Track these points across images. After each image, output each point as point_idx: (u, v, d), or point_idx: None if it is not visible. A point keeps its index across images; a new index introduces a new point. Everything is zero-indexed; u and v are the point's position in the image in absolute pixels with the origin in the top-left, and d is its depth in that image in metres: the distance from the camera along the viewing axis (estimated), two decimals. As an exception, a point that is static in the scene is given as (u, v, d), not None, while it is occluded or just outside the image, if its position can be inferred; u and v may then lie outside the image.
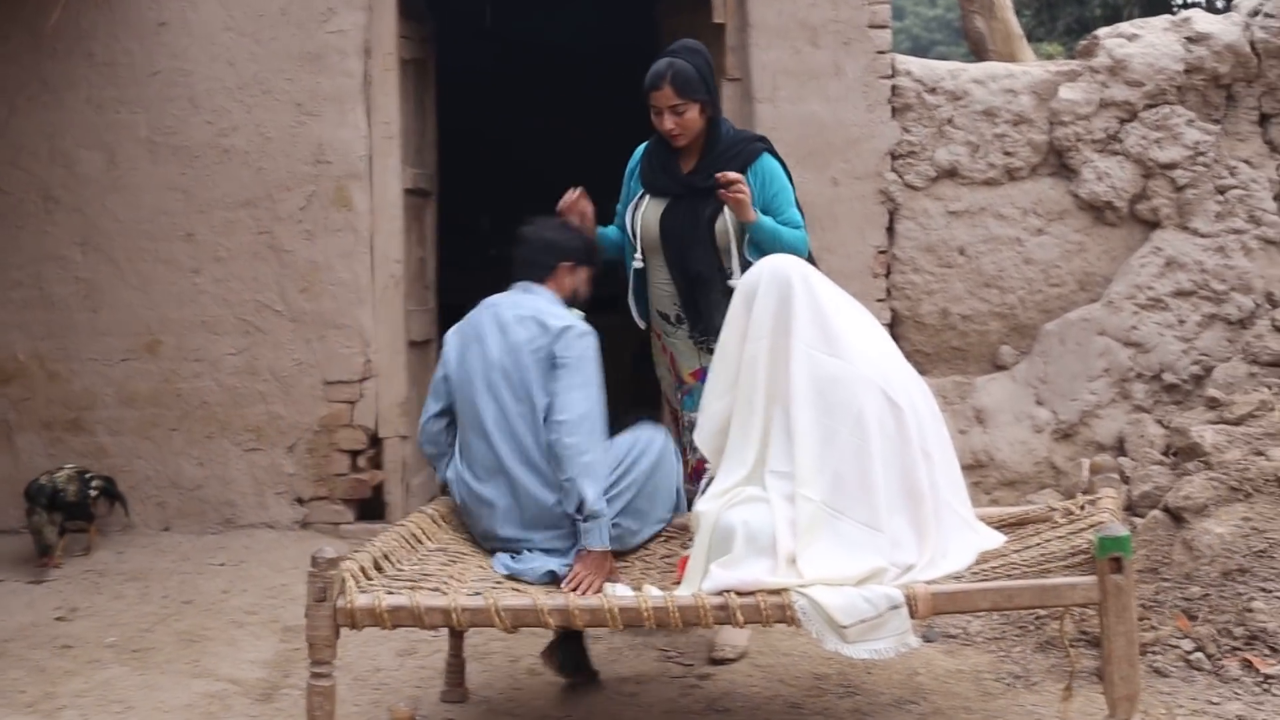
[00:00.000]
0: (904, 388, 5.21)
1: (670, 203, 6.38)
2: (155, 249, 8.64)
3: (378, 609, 4.81)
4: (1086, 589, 4.78)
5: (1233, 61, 8.32)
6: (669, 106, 6.24)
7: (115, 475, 8.59)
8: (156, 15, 8.61)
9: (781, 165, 6.42)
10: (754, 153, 6.35)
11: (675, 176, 6.40)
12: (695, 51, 6.36)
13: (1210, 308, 8.31)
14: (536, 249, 6.20)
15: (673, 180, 6.40)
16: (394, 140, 8.68)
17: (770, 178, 6.32)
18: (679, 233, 6.33)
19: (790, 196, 6.37)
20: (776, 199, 6.31)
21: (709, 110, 6.32)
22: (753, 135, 6.63)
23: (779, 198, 6.32)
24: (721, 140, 6.37)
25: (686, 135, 6.30)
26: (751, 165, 6.30)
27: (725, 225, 6.25)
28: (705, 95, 6.27)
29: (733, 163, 6.25)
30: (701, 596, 4.83)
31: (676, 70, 6.23)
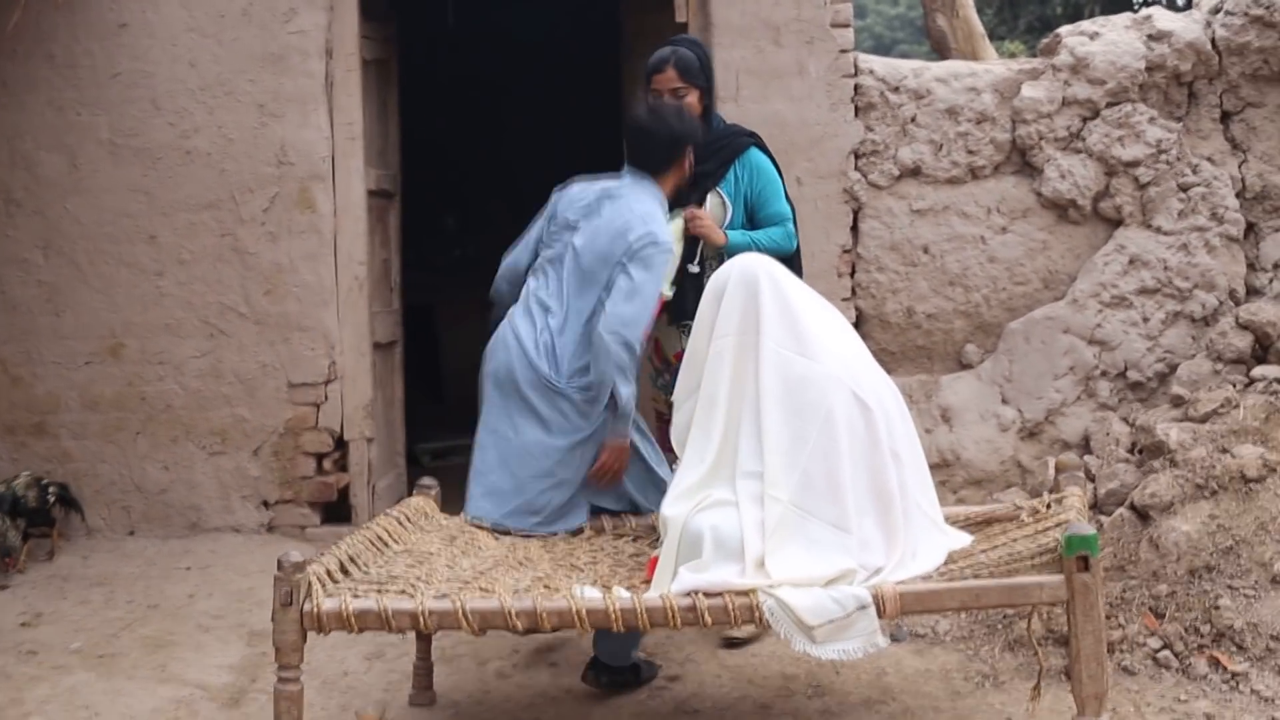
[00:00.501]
0: (873, 388, 5.21)
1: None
2: (118, 252, 8.61)
3: (344, 613, 4.81)
4: (1054, 588, 4.80)
5: (1194, 59, 8.34)
6: (670, 89, 6.45)
7: (79, 480, 8.59)
8: (117, 16, 8.57)
9: (770, 159, 6.57)
10: (741, 146, 6.53)
11: None
12: (697, 44, 6.72)
13: (1174, 305, 8.34)
14: (658, 141, 6.21)
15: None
16: (357, 141, 8.65)
17: (757, 171, 6.50)
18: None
19: (778, 190, 6.53)
20: (763, 193, 6.49)
21: (705, 100, 6.52)
22: (743, 130, 6.74)
23: (765, 191, 6.49)
24: (712, 132, 6.51)
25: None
26: (739, 158, 6.50)
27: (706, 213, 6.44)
28: (704, 84, 6.51)
29: (720, 154, 6.46)
30: (669, 598, 4.83)
31: (680, 55, 6.50)
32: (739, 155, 6.53)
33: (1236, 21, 8.27)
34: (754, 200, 6.51)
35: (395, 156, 9.52)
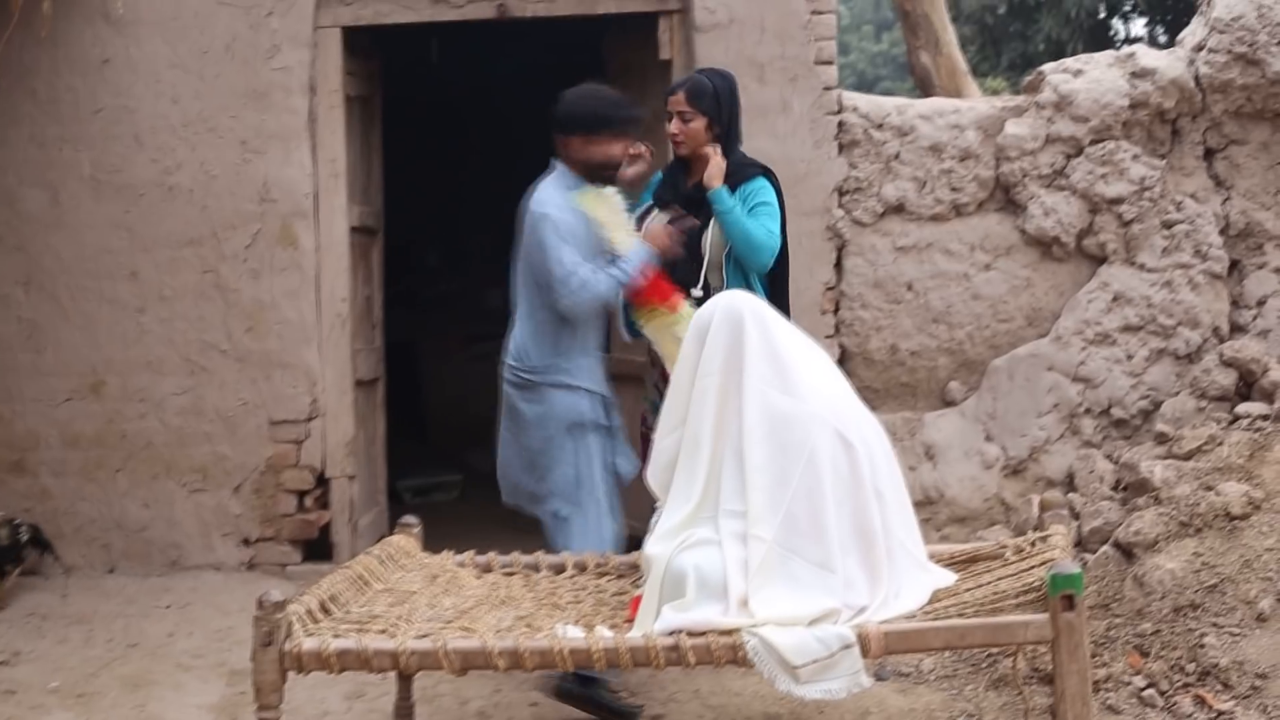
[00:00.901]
0: (857, 426, 5.19)
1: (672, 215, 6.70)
2: (99, 288, 8.59)
3: (325, 653, 4.77)
4: (1039, 627, 4.77)
5: (1177, 96, 8.34)
6: (678, 111, 6.68)
7: (59, 518, 8.58)
8: (100, 52, 8.56)
9: (778, 194, 6.69)
10: (748, 175, 6.68)
11: (678, 190, 6.75)
12: (722, 76, 6.88)
13: (1158, 342, 8.32)
14: (556, 112, 6.67)
15: (675, 193, 6.75)
16: (340, 178, 8.65)
17: (755, 192, 6.63)
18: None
19: (771, 212, 6.60)
20: (756, 210, 6.57)
21: (715, 129, 6.69)
22: (758, 163, 6.86)
23: (759, 209, 6.57)
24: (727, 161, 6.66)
25: (688, 144, 6.70)
26: (743, 185, 6.62)
27: (708, 240, 6.59)
28: (713, 112, 6.68)
29: (728, 182, 6.60)
30: (652, 637, 4.80)
31: (694, 81, 6.78)
32: (744, 183, 6.64)
33: (1220, 59, 8.27)
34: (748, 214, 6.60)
35: (378, 193, 9.51)
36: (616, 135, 6.63)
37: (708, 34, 8.51)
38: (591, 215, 6.50)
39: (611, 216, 6.59)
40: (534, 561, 6.00)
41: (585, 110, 6.61)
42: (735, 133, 6.84)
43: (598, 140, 6.57)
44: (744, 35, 8.51)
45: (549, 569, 5.96)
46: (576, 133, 6.57)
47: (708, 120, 6.68)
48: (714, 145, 6.73)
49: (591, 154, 6.57)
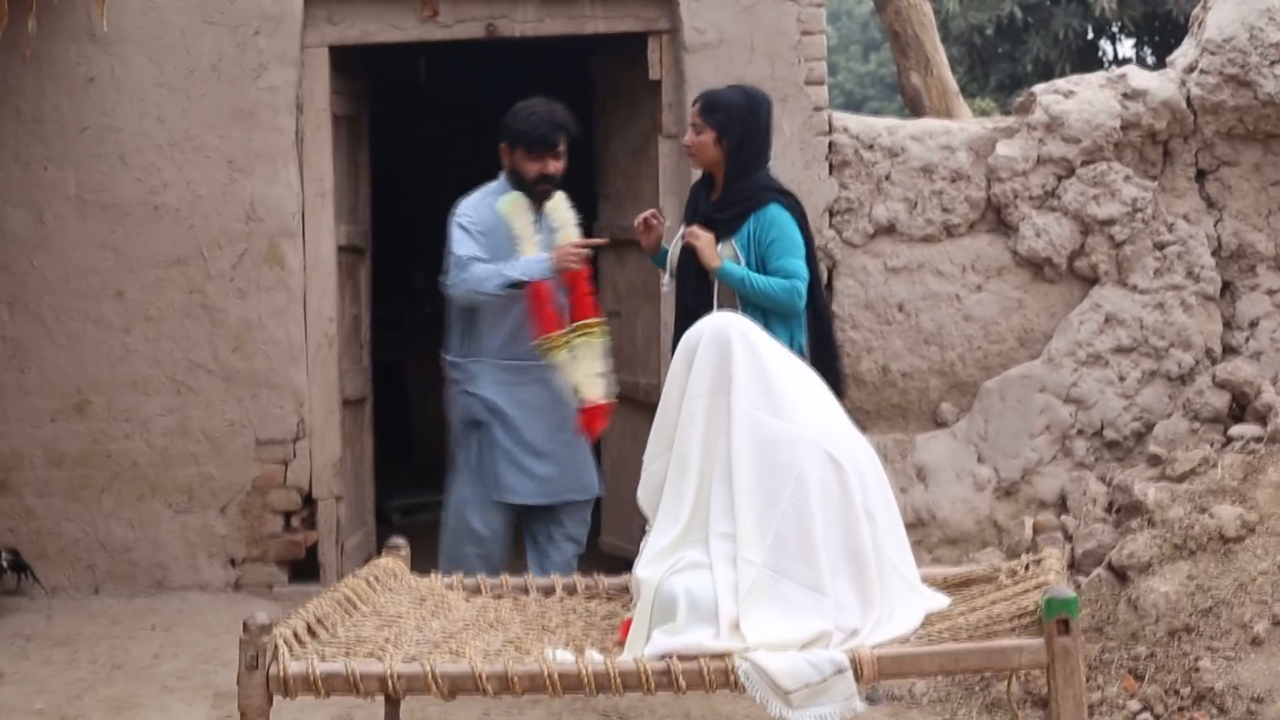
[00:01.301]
0: (847, 448, 5.15)
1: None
2: (84, 308, 8.53)
3: (311, 676, 4.70)
4: (1034, 652, 4.71)
5: (1169, 118, 8.33)
6: (692, 123, 6.77)
7: (43, 538, 8.53)
8: (85, 71, 8.51)
9: (797, 222, 6.69)
10: (762, 200, 6.67)
11: (699, 208, 6.82)
12: (747, 93, 6.93)
13: (1150, 364, 8.30)
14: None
15: (696, 213, 6.82)
16: (327, 198, 8.61)
17: (770, 225, 6.62)
18: (688, 262, 6.74)
19: (790, 247, 6.61)
20: (773, 246, 6.59)
21: (724, 144, 6.68)
22: (776, 186, 6.86)
23: (775, 245, 6.58)
24: (740, 181, 6.70)
25: (699, 156, 6.80)
26: (756, 211, 6.63)
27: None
28: (723, 127, 6.68)
29: (743, 204, 6.64)
30: (643, 661, 4.73)
31: (713, 95, 6.87)
32: (758, 209, 6.64)
33: (1211, 80, 8.26)
34: (763, 252, 6.61)
35: (366, 212, 9.48)
36: (535, 154, 7.15)
37: (697, 54, 8.48)
38: (508, 221, 7.04)
39: (525, 228, 7.07)
40: (523, 584, 5.94)
41: (515, 126, 7.19)
42: (752, 152, 6.79)
43: (521, 155, 7.16)
44: (734, 55, 8.47)
45: (538, 591, 5.89)
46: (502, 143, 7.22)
47: (716, 134, 6.68)
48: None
49: (517, 167, 7.20)
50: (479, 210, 7.22)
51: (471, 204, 7.27)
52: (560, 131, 7.18)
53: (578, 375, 7.12)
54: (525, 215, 7.16)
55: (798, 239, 6.66)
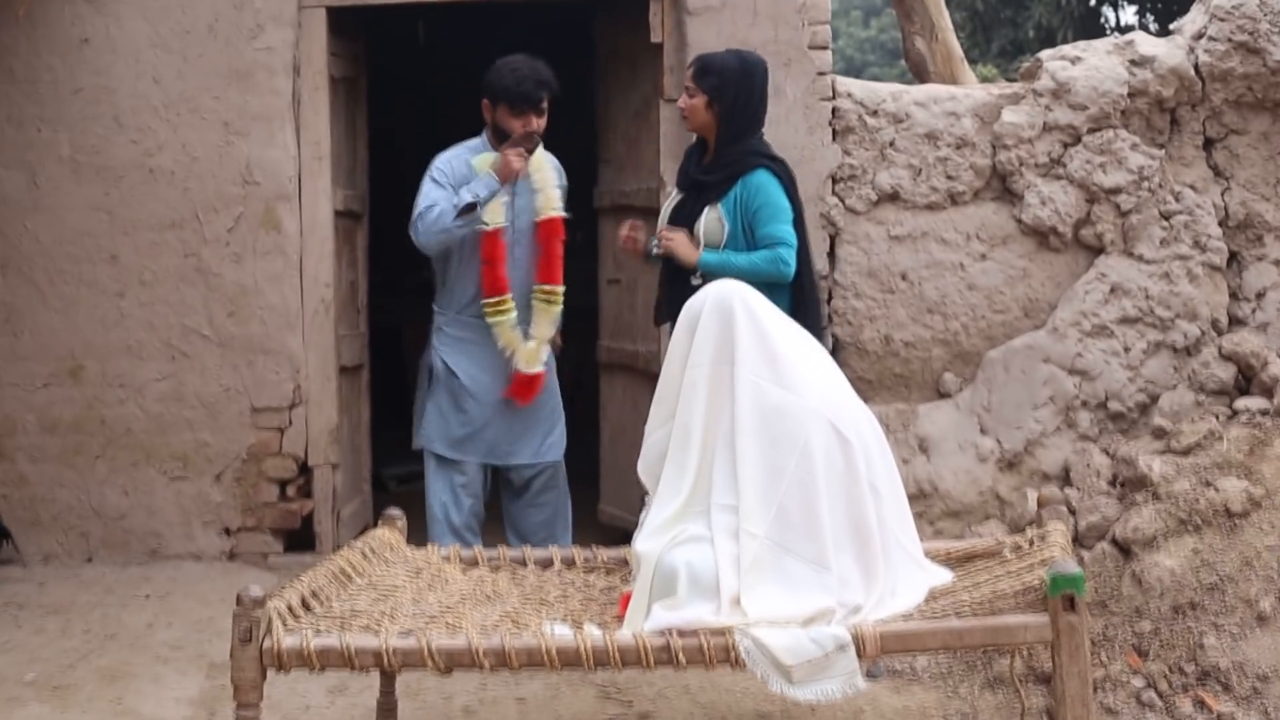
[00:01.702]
0: (852, 420, 5.10)
1: (682, 197, 6.82)
2: (78, 271, 8.47)
3: (305, 650, 4.68)
4: (1039, 628, 4.70)
5: (1177, 85, 8.24)
6: (685, 86, 6.78)
7: (36, 504, 8.50)
8: (80, 31, 8.43)
9: (784, 187, 6.68)
10: (750, 166, 6.66)
11: (688, 171, 6.82)
12: (741, 58, 6.90)
13: (1156, 335, 8.23)
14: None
15: (685, 176, 6.84)
16: (324, 160, 8.52)
17: (756, 191, 6.61)
18: (676, 224, 6.74)
19: (776, 212, 6.60)
20: (759, 212, 6.58)
21: (714, 108, 6.67)
22: (764, 152, 6.83)
23: (762, 211, 6.57)
24: (730, 145, 6.68)
25: (691, 120, 6.81)
26: (744, 176, 6.61)
27: (700, 226, 6.62)
28: (714, 91, 6.67)
29: (729, 168, 6.63)
30: (642, 636, 4.71)
31: (707, 59, 6.85)
32: (745, 174, 6.62)
33: (1220, 47, 8.17)
34: (750, 219, 6.58)
35: (363, 176, 9.40)
36: (518, 111, 7.16)
37: (699, 17, 8.38)
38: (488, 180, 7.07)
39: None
40: (520, 556, 5.91)
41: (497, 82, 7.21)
42: (745, 118, 6.77)
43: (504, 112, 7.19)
44: (736, 18, 8.38)
45: (536, 564, 5.87)
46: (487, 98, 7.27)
47: (708, 99, 6.67)
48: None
49: (500, 123, 7.24)
50: (452, 165, 7.27)
51: (446, 158, 7.32)
52: (544, 88, 7.19)
53: (518, 341, 7.26)
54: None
55: (784, 204, 6.64)
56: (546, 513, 7.48)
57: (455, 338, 7.38)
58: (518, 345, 7.22)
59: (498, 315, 7.19)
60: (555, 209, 7.28)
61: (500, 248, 7.14)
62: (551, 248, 7.26)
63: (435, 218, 7.04)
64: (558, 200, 7.29)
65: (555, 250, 7.27)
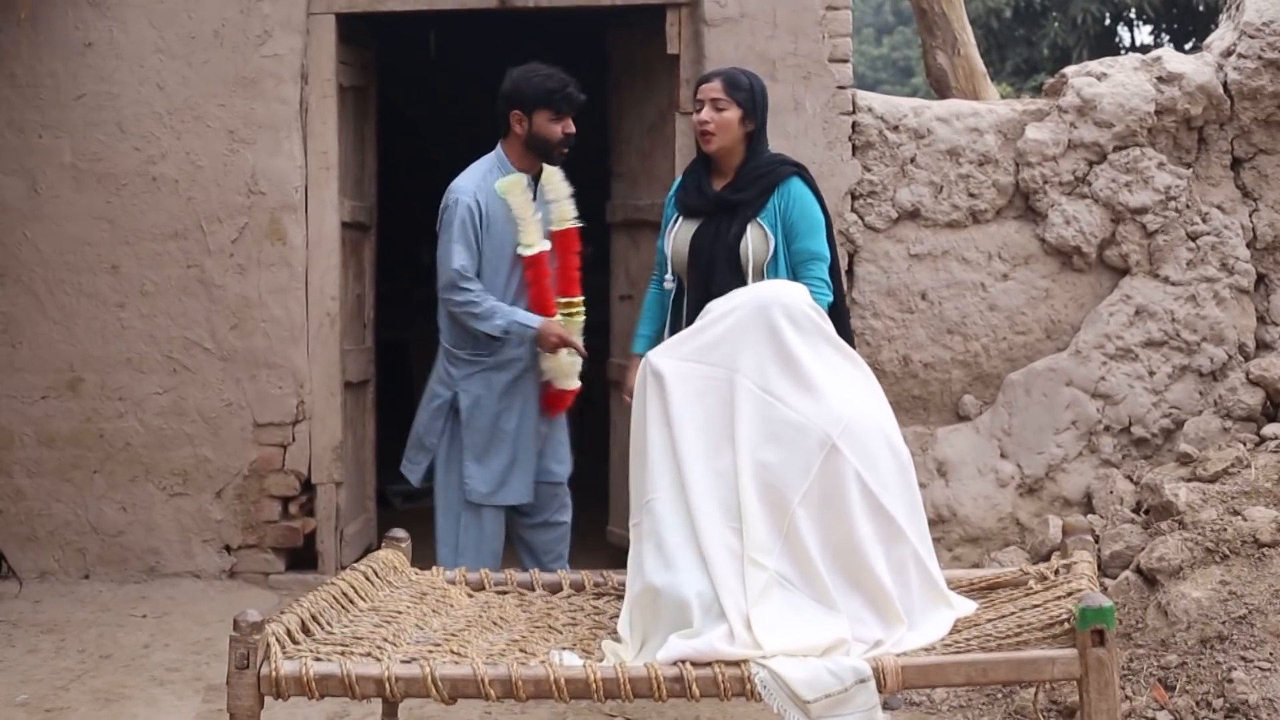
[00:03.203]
0: (876, 445, 4.91)
1: (703, 222, 6.44)
2: (78, 281, 8.38)
3: (305, 677, 4.50)
4: (1066, 663, 4.50)
5: (1205, 103, 8.14)
6: (711, 99, 6.42)
7: (32, 519, 8.43)
8: (83, 36, 8.34)
9: (816, 196, 6.48)
10: (783, 175, 6.43)
11: (707, 194, 6.47)
12: (753, 75, 6.61)
13: (1181, 359, 8.13)
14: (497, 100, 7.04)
15: (704, 198, 6.47)
16: (331, 170, 8.42)
17: (794, 201, 6.40)
18: (707, 251, 6.39)
19: (814, 226, 6.42)
20: (797, 224, 6.38)
21: (747, 125, 6.43)
22: (789, 160, 6.65)
23: (800, 223, 6.38)
24: (753, 159, 6.46)
25: (719, 135, 6.42)
26: (779, 186, 6.39)
27: (748, 245, 6.32)
28: (749, 105, 6.41)
29: (761, 180, 6.39)
30: (655, 667, 4.53)
31: (731, 72, 6.55)
32: (779, 184, 6.40)
33: (1250, 65, 8.06)
34: (788, 231, 6.38)
35: (371, 187, 9.30)
36: (560, 114, 6.91)
37: (718, 28, 8.28)
38: (508, 203, 6.85)
39: (525, 208, 6.86)
40: (528, 580, 5.73)
41: (534, 87, 6.91)
42: (765, 135, 6.58)
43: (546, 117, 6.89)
44: (755, 30, 8.28)
45: (544, 588, 5.69)
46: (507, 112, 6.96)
47: (742, 113, 6.41)
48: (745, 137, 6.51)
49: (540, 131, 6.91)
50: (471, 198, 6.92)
51: (467, 193, 6.93)
52: (579, 90, 7.00)
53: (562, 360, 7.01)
54: (524, 195, 6.94)
55: (820, 218, 6.46)
56: (559, 531, 7.29)
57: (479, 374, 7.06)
58: (562, 364, 6.98)
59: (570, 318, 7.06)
60: (570, 220, 7.08)
61: (546, 271, 6.92)
62: (568, 260, 7.06)
63: (483, 315, 6.87)
64: (572, 211, 7.09)
65: (573, 262, 7.07)
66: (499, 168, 6.98)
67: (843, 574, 4.75)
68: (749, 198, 6.36)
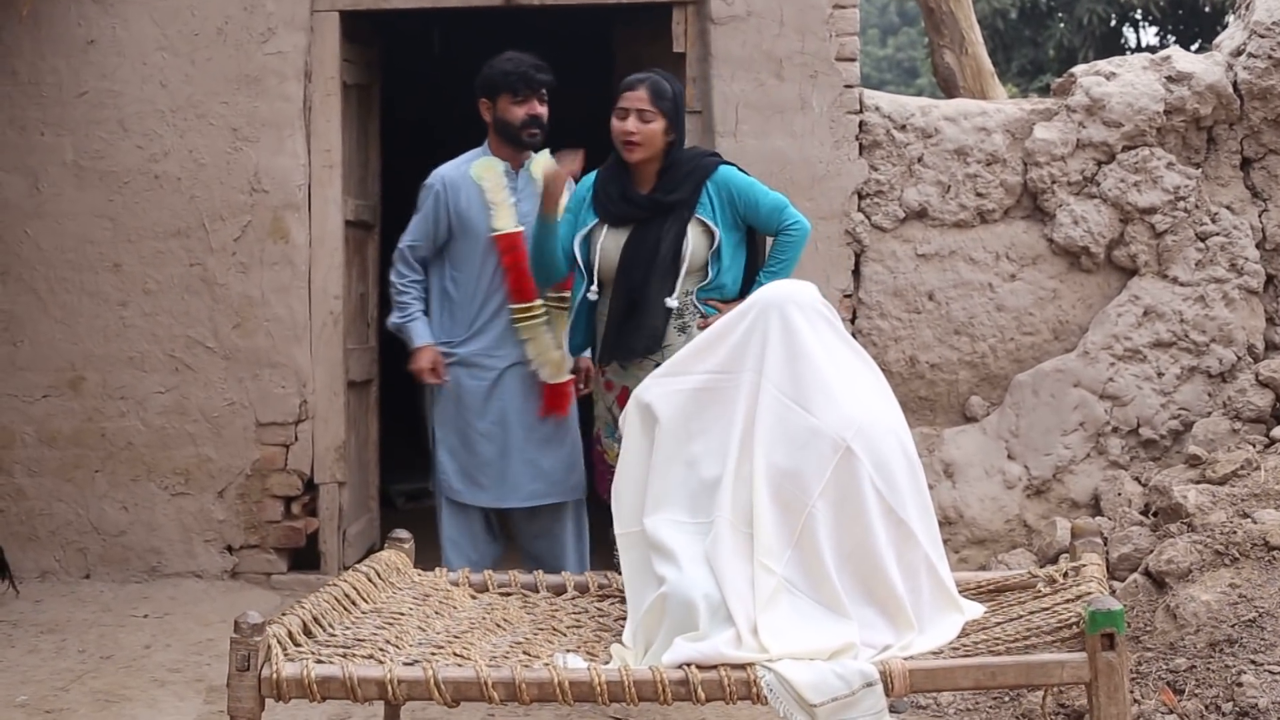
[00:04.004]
0: (888, 448, 4.86)
1: (634, 229, 6.31)
2: (80, 280, 8.35)
3: (306, 680, 4.46)
4: (1076, 667, 4.46)
5: (1215, 103, 8.10)
6: (637, 109, 6.27)
7: (34, 519, 8.41)
8: (85, 33, 8.30)
9: (739, 170, 6.44)
10: (709, 166, 6.38)
11: (636, 200, 6.34)
12: (672, 79, 6.47)
13: (1190, 360, 8.10)
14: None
15: (633, 205, 6.33)
16: (335, 169, 8.39)
17: (729, 184, 6.34)
18: (645, 258, 6.28)
19: (758, 190, 6.39)
20: (747, 195, 6.33)
21: (669, 135, 6.32)
22: (705, 152, 6.63)
23: (747, 196, 6.34)
24: (673, 160, 6.37)
25: (644, 146, 6.29)
26: (710, 177, 6.33)
27: (688, 244, 6.26)
28: (672, 115, 6.31)
29: (690, 178, 6.30)
30: (659, 670, 4.48)
31: (656, 81, 6.34)
32: (708, 175, 6.33)
33: (1260, 65, 8.02)
34: (743, 209, 6.32)
35: (375, 186, 9.26)
36: (521, 97, 6.92)
37: (724, 26, 8.24)
38: (480, 185, 6.90)
39: (498, 193, 6.87)
40: (532, 581, 5.69)
41: (496, 71, 6.95)
42: (683, 136, 6.53)
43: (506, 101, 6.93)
44: (762, 28, 8.24)
45: (548, 590, 5.65)
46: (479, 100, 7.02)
47: (666, 123, 6.30)
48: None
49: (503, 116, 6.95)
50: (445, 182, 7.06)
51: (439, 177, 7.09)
52: (543, 72, 6.96)
53: (549, 350, 6.99)
54: (499, 179, 6.94)
55: (754, 179, 6.45)
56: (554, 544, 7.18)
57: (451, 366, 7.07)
58: (548, 355, 6.94)
59: (529, 321, 6.91)
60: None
61: (522, 253, 6.82)
62: None
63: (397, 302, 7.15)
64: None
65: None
66: (481, 155, 7.09)
67: (856, 580, 4.71)
68: (683, 196, 6.28)
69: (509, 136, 6.96)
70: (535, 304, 6.90)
